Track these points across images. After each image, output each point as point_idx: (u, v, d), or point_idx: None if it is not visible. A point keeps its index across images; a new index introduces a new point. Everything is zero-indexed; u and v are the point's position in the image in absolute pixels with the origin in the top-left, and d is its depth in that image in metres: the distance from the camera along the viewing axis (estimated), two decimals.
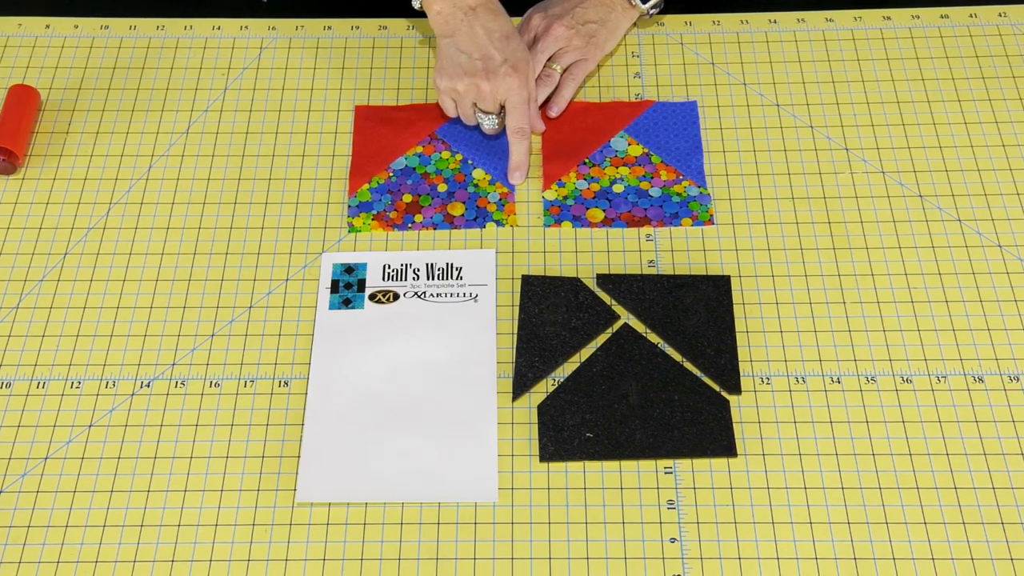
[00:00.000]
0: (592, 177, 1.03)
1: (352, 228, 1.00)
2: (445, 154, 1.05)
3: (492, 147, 1.05)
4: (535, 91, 1.03)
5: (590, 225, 1.00)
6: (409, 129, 1.06)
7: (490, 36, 0.98)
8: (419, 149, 1.05)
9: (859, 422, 0.89)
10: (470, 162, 1.04)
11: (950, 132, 1.06)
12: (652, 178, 1.02)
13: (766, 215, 1.01)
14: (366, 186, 1.02)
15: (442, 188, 1.02)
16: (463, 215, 1.01)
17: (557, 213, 1.01)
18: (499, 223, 1.00)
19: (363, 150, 1.04)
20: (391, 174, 1.03)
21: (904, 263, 0.97)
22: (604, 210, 1.00)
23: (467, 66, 0.98)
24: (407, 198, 1.02)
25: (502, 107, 1.00)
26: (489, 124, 1.01)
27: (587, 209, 1.01)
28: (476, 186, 1.02)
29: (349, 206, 1.01)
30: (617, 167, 1.03)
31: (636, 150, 1.04)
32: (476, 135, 1.06)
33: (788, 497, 0.86)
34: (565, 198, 1.01)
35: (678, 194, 1.01)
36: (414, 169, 1.03)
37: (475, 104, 1.00)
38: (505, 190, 1.02)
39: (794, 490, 0.86)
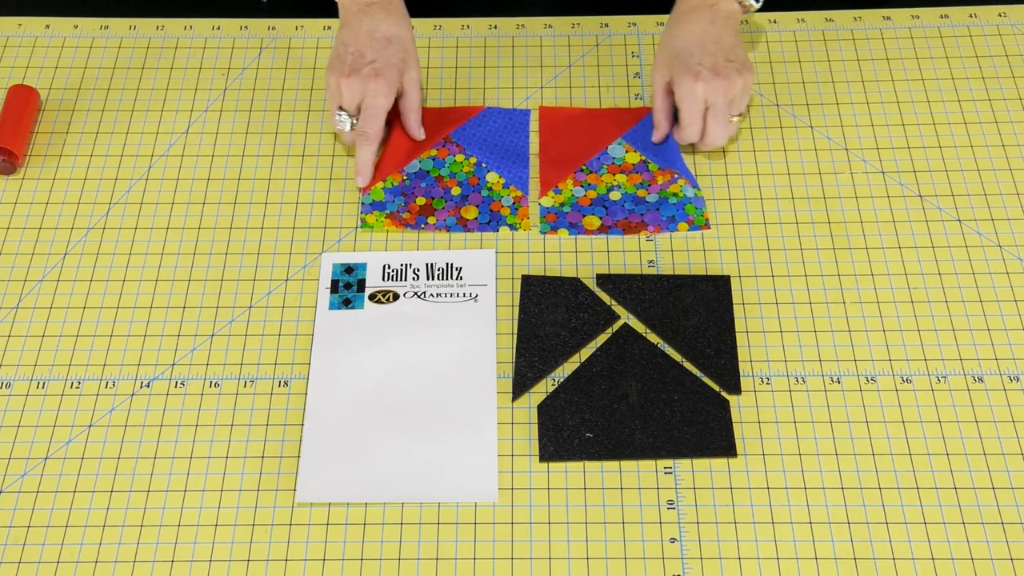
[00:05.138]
0: (589, 184, 1.02)
1: (365, 224, 1.00)
2: (459, 157, 1.04)
3: (507, 151, 1.04)
4: (415, 102, 1.01)
5: (586, 232, 1.00)
6: (424, 131, 1.05)
7: (372, 35, 0.98)
8: (433, 152, 1.04)
9: (859, 422, 0.89)
10: (484, 165, 1.04)
11: (950, 132, 1.06)
12: (649, 185, 1.02)
13: (766, 215, 1.01)
14: (380, 185, 1.01)
15: (456, 192, 1.02)
16: (476, 218, 1.00)
17: (553, 220, 1.00)
18: (512, 227, 1.00)
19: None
20: (405, 177, 1.02)
21: (904, 263, 0.97)
22: (600, 217, 1.00)
23: (336, 62, 0.98)
24: (420, 201, 1.01)
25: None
26: (342, 124, 0.99)
27: (583, 216, 1.00)
28: (490, 190, 1.02)
29: (363, 203, 1.01)
30: (614, 174, 1.03)
31: (633, 157, 1.03)
32: (490, 138, 1.05)
33: (788, 497, 0.86)
34: (562, 205, 1.01)
35: (674, 194, 1.01)
36: (428, 172, 1.03)
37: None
38: (519, 193, 1.02)
39: (794, 490, 0.86)
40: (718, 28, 0.98)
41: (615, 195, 1.01)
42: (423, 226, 1.00)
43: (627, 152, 1.04)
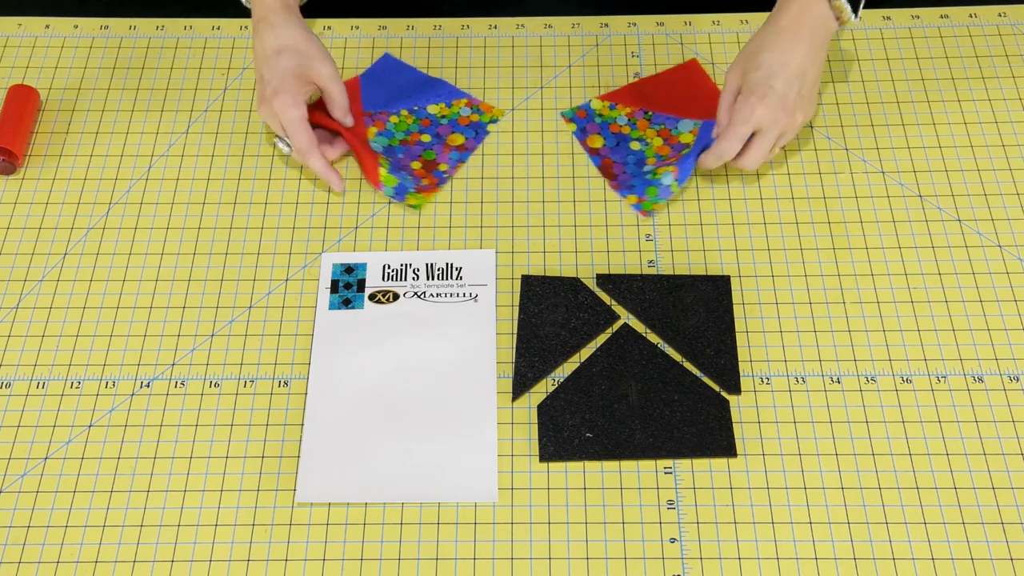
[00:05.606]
0: (634, 124, 1.05)
1: (415, 206, 1.01)
2: (393, 118, 1.06)
3: (415, 88, 1.08)
4: (334, 95, 0.99)
5: (584, 145, 1.04)
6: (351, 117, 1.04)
7: (264, 56, 0.96)
8: (373, 129, 1.05)
9: (859, 422, 0.89)
10: (416, 108, 1.07)
11: (950, 132, 1.06)
12: (665, 160, 1.02)
13: (766, 215, 1.01)
14: (383, 171, 1.01)
15: (426, 139, 1.05)
16: (465, 140, 1.05)
17: (583, 117, 1.06)
18: (494, 120, 1.07)
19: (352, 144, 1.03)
20: (384, 157, 1.03)
21: (904, 263, 0.97)
22: (604, 144, 1.04)
23: (257, 93, 0.98)
24: (416, 165, 1.03)
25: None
26: (284, 148, 0.98)
27: (597, 134, 1.04)
28: (444, 117, 1.06)
29: (391, 196, 1.01)
30: (659, 136, 1.04)
31: (688, 138, 1.03)
32: (394, 90, 1.08)
33: (788, 497, 0.86)
34: (599, 115, 1.06)
35: (653, 171, 1.01)
36: (390, 144, 1.04)
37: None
38: (464, 101, 1.08)
39: (794, 490, 0.86)
40: (810, 60, 0.92)
41: (635, 145, 1.03)
42: (446, 176, 1.03)
43: (689, 133, 1.04)
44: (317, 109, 1.01)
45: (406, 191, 1.01)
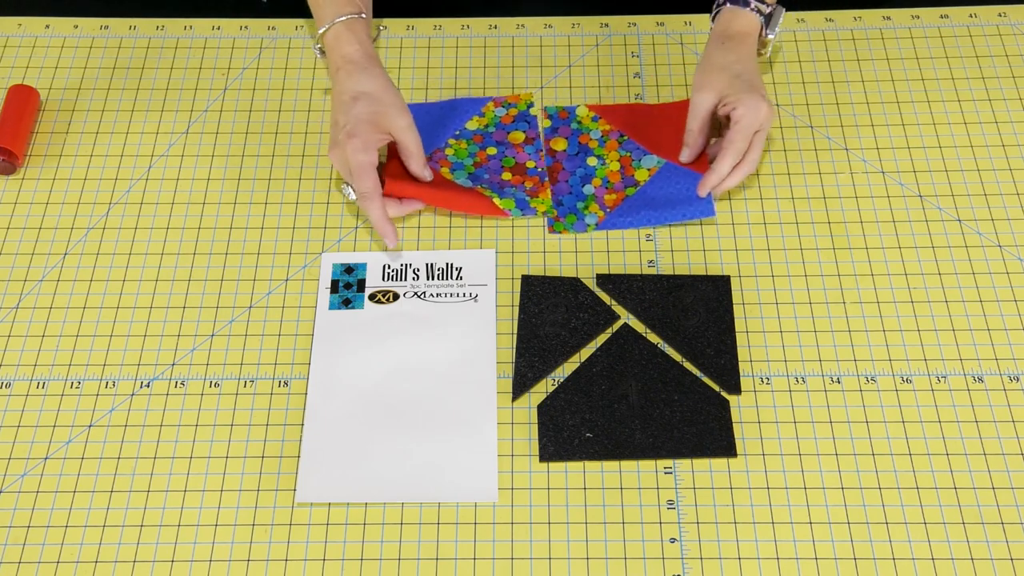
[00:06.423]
0: (604, 141, 1.05)
1: (545, 212, 1.01)
2: (448, 151, 1.05)
3: (437, 119, 1.07)
4: (409, 147, 0.96)
5: (546, 143, 1.05)
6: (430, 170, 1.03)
7: (340, 100, 0.95)
8: (444, 169, 1.03)
9: (859, 422, 0.89)
10: (457, 133, 1.06)
11: (950, 132, 1.06)
12: (611, 184, 1.02)
13: (766, 215, 1.01)
14: (495, 199, 1.00)
15: (492, 151, 1.05)
16: (525, 135, 1.06)
17: (563, 118, 1.07)
18: (531, 105, 1.08)
19: (449, 201, 1.01)
20: (484, 187, 1.02)
21: (904, 263, 0.98)
22: (566, 151, 1.05)
23: (330, 137, 0.96)
24: (507, 176, 1.03)
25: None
26: (351, 195, 0.96)
27: (563, 139, 1.06)
28: (488, 126, 1.07)
29: (518, 216, 1.01)
30: (617, 161, 1.03)
31: (643, 175, 1.03)
32: (430, 126, 1.06)
33: (788, 497, 0.86)
34: (577, 122, 1.07)
35: (587, 201, 1.01)
36: (470, 173, 1.03)
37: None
38: (491, 103, 1.08)
39: (794, 490, 0.86)
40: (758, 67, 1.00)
41: (592, 160, 1.04)
42: (542, 170, 1.03)
43: (647, 170, 1.03)
44: (394, 178, 0.98)
45: (526, 203, 1.01)
